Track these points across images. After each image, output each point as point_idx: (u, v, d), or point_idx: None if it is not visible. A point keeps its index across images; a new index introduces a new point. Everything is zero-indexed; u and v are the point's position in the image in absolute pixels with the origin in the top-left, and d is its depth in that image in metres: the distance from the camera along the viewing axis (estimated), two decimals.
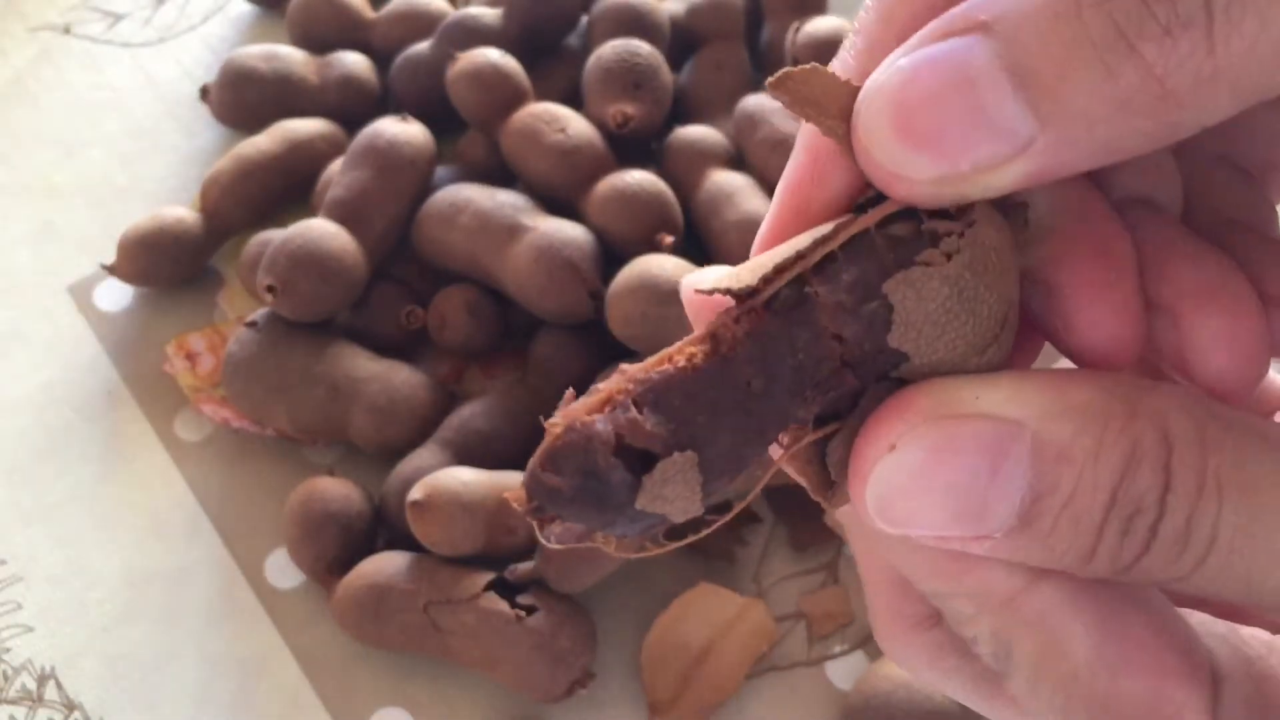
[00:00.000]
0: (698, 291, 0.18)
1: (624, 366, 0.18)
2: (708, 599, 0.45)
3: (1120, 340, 0.19)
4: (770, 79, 0.18)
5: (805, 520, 0.48)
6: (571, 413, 0.18)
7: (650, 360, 0.18)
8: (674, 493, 0.18)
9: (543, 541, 0.18)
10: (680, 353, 0.18)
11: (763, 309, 0.18)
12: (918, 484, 0.17)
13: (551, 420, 0.18)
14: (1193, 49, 0.14)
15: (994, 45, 0.16)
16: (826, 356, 0.18)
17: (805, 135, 0.19)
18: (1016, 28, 0.16)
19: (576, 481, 0.17)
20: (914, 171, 0.17)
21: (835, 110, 0.18)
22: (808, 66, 0.18)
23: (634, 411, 0.17)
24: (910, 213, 0.18)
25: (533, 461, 0.18)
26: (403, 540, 0.45)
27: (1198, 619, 0.18)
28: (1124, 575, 0.17)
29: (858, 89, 0.18)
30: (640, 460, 0.17)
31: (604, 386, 0.18)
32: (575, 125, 0.52)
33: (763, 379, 0.18)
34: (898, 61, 0.17)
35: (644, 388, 0.18)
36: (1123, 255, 0.19)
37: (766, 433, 0.18)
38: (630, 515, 0.18)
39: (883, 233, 0.18)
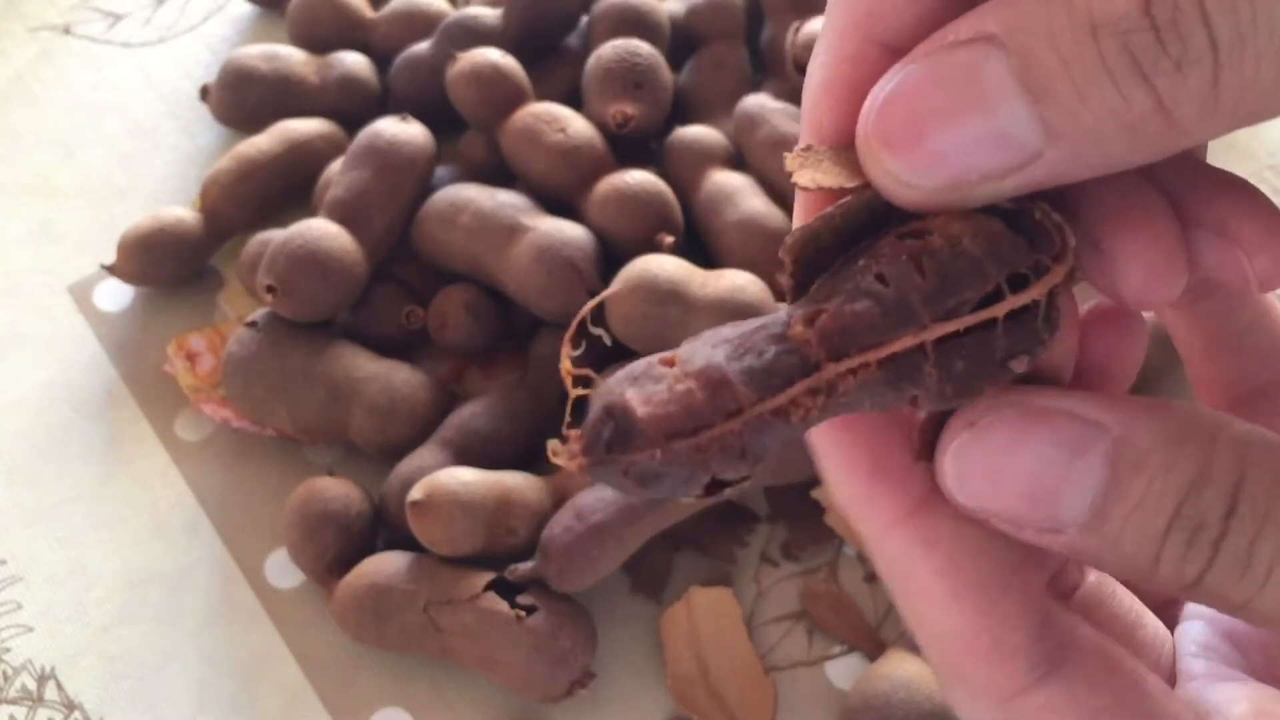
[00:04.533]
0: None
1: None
2: (668, 618, 0.45)
3: (1169, 286, 0.19)
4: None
5: (805, 520, 0.48)
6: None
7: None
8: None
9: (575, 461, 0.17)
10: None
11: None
12: (994, 462, 0.18)
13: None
14: (1199, 84, 0.15)
15: (1006, 58, 0.16)
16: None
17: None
18: (1029, 43, 0.16)
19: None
20: (923, 181, 0.17)
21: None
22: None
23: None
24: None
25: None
26: (403, 540, 0.45)
27: None
28: (1192, 592, 0.18)
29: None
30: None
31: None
32: (575, 125, 0.52)
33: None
34: (906, 69, 0.17)
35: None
36: (1163, 210, 0.19)
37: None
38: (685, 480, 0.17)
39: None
